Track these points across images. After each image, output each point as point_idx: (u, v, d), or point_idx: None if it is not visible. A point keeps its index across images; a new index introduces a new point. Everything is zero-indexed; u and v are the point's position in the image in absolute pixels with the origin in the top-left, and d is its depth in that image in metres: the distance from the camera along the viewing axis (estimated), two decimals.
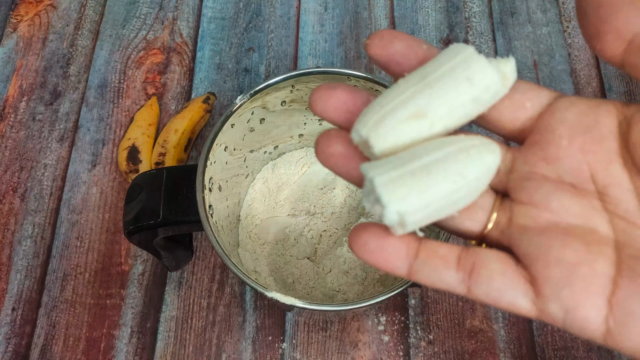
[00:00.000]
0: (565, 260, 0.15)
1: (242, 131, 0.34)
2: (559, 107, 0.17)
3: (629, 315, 0.15)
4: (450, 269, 0.16)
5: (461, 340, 0.38)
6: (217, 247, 0.28)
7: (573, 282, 0.15)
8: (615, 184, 0.16)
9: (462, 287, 0.16)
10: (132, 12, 0.50)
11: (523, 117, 0.17)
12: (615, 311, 0.15)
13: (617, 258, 0.15)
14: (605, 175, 0.16)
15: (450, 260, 0.16)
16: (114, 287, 0.40)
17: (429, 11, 0.50)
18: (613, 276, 0.15)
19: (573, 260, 0.15)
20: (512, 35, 0.49)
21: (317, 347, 0.38)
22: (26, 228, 0.42)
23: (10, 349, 0.38)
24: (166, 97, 0.47)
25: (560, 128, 0.17)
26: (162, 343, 0.38)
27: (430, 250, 0.17)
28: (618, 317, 0.15)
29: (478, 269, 0.16)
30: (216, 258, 0.41)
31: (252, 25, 0.50)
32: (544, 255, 0.16)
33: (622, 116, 0.16)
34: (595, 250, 0.15)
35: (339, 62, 0.48)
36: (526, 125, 0.17)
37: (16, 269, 0.41)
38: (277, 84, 0.32)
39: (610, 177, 0.16)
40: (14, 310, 0.39)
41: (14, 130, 0.45)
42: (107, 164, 0.44)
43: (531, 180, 0.17)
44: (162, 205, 0.30)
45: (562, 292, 0.15)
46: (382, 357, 0.38)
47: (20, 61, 0.48)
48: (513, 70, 0.17)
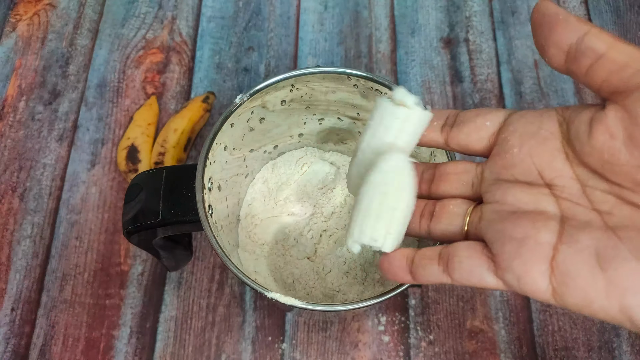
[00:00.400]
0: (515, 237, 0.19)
1: (242, 130, 0.34)
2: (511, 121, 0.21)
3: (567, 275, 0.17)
4: (434, 265, 0.21)
5: (462, 341, 0.38)
6: (217, 247, 0.28)
7: (521, 253, 0.18)
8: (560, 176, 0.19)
9: (446, 276, 0.20)
10: (132, 12, 0.50)
11: (486, 135, 0.22)
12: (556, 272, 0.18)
13: (560, 228, 0.18)
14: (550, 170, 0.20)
15: (434, 257, 0.21)
16: (113, 287, 0.40)
17: (429, 10, 0.50)
18: (554, 243, 0.18)
19: (521, 235, 0.19)
20: (512, 35, 0.49)
21: (317, 347, 0.38)
22: (25, 228, 0.42)
23: (10, 349, 0.38)
24: (165, 96, 0.46)
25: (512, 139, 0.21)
26: (161, 343, 0.38)
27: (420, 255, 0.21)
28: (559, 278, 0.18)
29: (452, 258, 0.20)
30: (216, 258, 0.41)
31: (252, 25, 0.50)
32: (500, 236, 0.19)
33: (562, 118, 0.20)
34: (540, 225, 0.19)
35: (339, 61, 0.48)
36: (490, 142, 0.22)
37: (15, 269, 0.40)
38: (276, 84, 0.32)
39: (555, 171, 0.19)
40: (13, 311, 0.39)
41: (13, 129, 0.45)
42: (107, 164, 0.44)
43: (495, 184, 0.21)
44: (161, 205, 0.30)
45: (513, 263, 0.18)
46: (382, 358, 0.38)
47: (20, 60, 0.48)
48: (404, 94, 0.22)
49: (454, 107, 0.46)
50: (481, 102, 0.46)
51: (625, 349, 0.38)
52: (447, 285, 0.40)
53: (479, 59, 0.48)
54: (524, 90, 0.46)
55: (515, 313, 0.39)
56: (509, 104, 0.46)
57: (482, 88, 0.46)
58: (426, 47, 0.48)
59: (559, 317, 0.39)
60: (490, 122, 0.22)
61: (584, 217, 0.18)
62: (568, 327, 0.39)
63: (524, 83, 0.47)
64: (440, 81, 0.47)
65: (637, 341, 0.38)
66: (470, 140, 0.22)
